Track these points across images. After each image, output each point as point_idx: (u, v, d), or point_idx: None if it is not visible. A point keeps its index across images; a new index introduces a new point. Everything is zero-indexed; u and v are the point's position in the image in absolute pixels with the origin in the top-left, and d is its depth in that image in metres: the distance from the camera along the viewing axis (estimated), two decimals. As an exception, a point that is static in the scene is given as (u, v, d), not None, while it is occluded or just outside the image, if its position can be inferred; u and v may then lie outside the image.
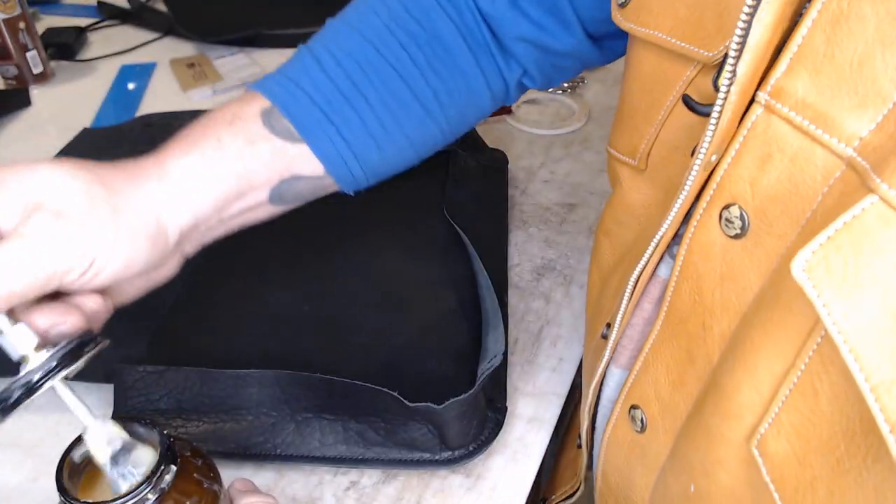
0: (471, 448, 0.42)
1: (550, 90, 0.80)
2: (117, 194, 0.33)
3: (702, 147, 0.26)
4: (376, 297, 0.52)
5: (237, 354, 0.48)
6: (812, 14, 0.22)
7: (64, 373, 0.30)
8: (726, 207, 0.26)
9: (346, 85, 0.39)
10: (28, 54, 0.81)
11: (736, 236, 0.26)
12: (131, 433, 0.31)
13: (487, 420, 0.44)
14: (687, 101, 0.29)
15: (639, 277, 0.31)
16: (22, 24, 0.79)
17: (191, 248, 0.39)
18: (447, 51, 0.41)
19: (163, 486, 0.28)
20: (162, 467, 0.29)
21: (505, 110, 0.76)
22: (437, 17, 0.40)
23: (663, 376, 0.31)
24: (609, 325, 0.35)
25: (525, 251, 0.59)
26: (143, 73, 0.86)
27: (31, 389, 0.29)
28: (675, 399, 0.31)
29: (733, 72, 0.23)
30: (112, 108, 0.80)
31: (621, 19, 0.33)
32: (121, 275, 0.33)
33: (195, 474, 0.31)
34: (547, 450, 0.45)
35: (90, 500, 0.28)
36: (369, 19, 0.41)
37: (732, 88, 0.24)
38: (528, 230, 0.61)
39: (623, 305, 0.33)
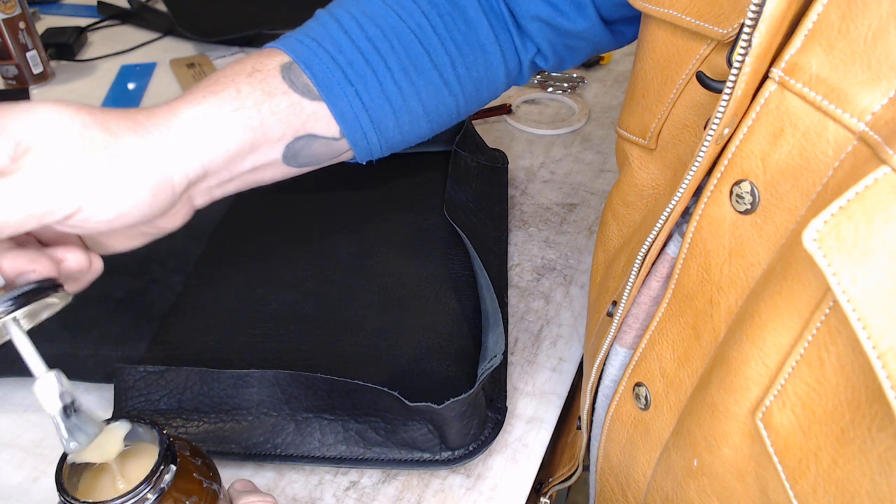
0: (471, 448, 0.42)
1: (550, 90, 0.80)
2: (117, 140, 0.31)
3: (714, 119, 0.26)
4: (377, 297, 0.52)
5: (238, 354, 0.48)
6: None
7: (17, 312, 0.29)
8: (737, 183, 0.26)
9: (368, 48, 0.39)
10: (28, 54, 0.81)
11: (746, 212, 0.26)
12: (132, 433, 0.31)
13: (487, 420, 0.44)
14: (701, 78, 0.29)
15: (647, 254, 0.32)
16: (22, 24, 0.79)
17: (201, 200, 0.37)
18: (468, 23, 0.41)
19: (162, 485, 0.28)
20: (161, 467, 0.29)
21: (505, 110, 0.76)
22: None
23: (669, 353, 0.32)
24: (615, 303, 0.35)
25: (525, 251, 0.59)
26: (143, 73, 0.86)
27: None
28: (680, 376, 0.31)
29: (748, 42, 0.23)
30: (112, 108, 0.80)
31: None
32: (115, 224, 0.32)
33: (195, 474, 0.31)
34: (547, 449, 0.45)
35: (90, 500, 0.28)
36: None
37: (747, 59, 0.24)
38: (528, 230, 0.61)
39: (631, 281, 0.33)
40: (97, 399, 0.47)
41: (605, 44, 0.45)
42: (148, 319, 0.51)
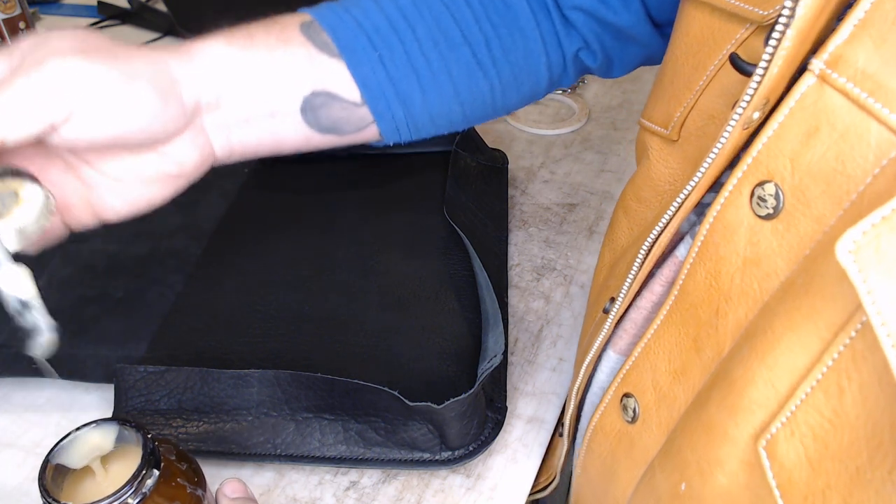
0: (471, 448, 0.42)
1: (550, 90, 0.80)
2: (122, 49, 0.31)
3: (743, 99, 0.24)
4: (376, 297, 0.52)
5: (238, 355, 0.48)
6: None
7: None
8: (760, 185, 0.24)
9: (396, 16, 0.38)
10: (28, 54, 0.81)
11: (767, 217, 0.24)
12: (120, 435, 0.31)
13: (487, 420, 0.44)
14: (734, 60, 0.27)
15: (651, 247, 0.30)
16: (22, 24, 0.79)
17: (219, 140, 0.36)
18: (506, 4, 0.40)
19: (144, 490, 0.28)
20: (143, 471, 0.28)
21: (505, 110, 0.76)
22: None
23: (664, 364, 0.29)
24: (613, 300, 0.33)
25: (525, 251, 0.59)
26: (143, 73, 0.86)
27: None
28: (674, 390, 0.29)
29: (792, 11, 0.21)
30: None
31: None
32: (121, 130, 0.30)
33: (179, 479, 0.30)
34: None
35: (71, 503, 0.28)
36: None
37: (788, 32, 0.21)
38: (528, 230, 0.61)
39: (631, 275, 0.31)
40: (97, 399, 0.47)
41: (657, 48, 0.42)
42: (148, 319, 0.51)
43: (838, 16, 0.23)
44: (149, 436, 0.30)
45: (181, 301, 0.52)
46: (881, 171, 0.21)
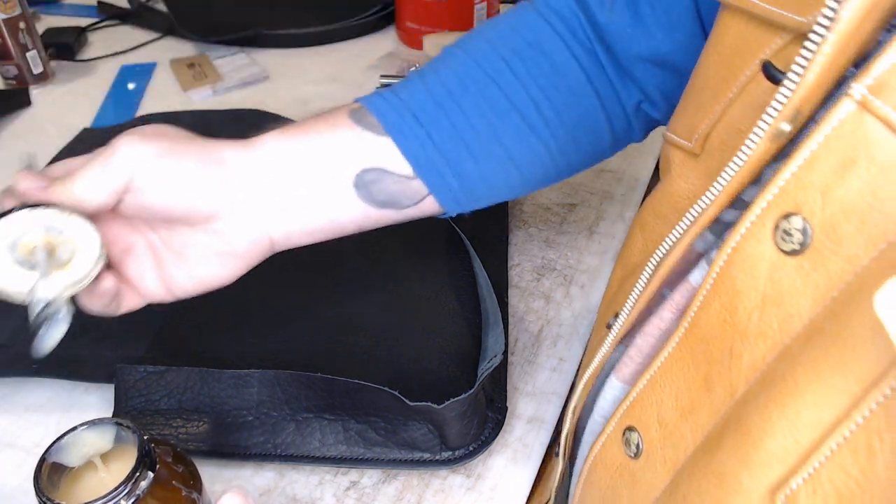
0: (471, 448, 0.42)
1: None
2: (187, 137, 0.37)
3: (772, 105, 0.22)
4: (376, 297, 0.52)
5: (238, 354, 0.48)
6: None
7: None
8: (786, 217, 0.22)
9: (441, 92, 0.39)
10: (28, 54, 0.81)
11: (792, 252, 0.22)
12: (118, 435, 0.31)
13: (487, 420, 0.44)
14: (767, 68, 0.25)
15: (662, 260, 0.28)
16: (22, 25, 0.79)
17: (279, 231, 0.39)
18: (553, 66, 0.40)
19: (138, 491, 0.28)
20: (137, 473, 0.28)
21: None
22: (545, 36, 0.40)
23: (671, 400, 0.28)
24: (617, 315, 0.32)
25: (525, 251, 0.59)
26: (143, 73, 0.86)
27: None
28: (681, 428, 0.27)
29: (835, 14, 0.20)
30: (112, 108, 0.80)
31: None
32: (167, 189, 0.35)
33: (174, 481, 0.30)
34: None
35: (63, 503, 0.27)
36: (476, 41, 0.41)
37: (829, 37, 0.20)
38: (528, 230, 0.61)
39: (638, 289, 0.29)
40: (98, 399, 0.47)
41: None
42: (148, 319, 0.51)
43: (886, 27, 0.22)
44: (145, 437, 0.29)
45: (181, 301, 0.52)
46: None
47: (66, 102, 0.81)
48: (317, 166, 0.38)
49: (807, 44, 0.21)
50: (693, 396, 0.26)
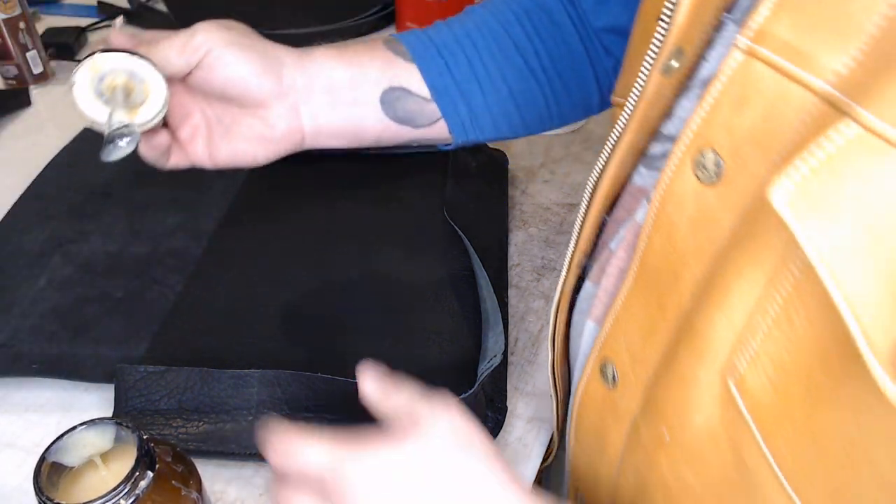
0: (471, 448, 0.42)
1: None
2: (257, 36, 0.45)
3: (654, 42, 0.27)
4: (376, 297, 0.52)
5: (238, 354, 0.48)
6: None
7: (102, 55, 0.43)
8: (701, 153, 0.26)
9: (461, 33, 0.47)
10: (28, 54, 0.81)
11: (710, 182, 0.26)
12: (118, 435, 0.31)
13: (487, 420, 0.44)
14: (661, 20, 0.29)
15: (594, 191, 0.33)
16: (22, 25, 0.79)
17: (309, 119, 0.47)
18: (553, 23, 0.48)
19: (137, 491, 0.28)
20: (137, 473, 0.28)
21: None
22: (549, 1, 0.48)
23: (634, 328, 0.31)
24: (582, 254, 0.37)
25: (525, 251, 0.59)
26: (143, 73, 0.86)
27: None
28: (645, 350, 0.31)
29: None
30: (112, 108, 0.80)
31: None
32: (234, 74, 0.43)
33: (174, 481, 0.30)
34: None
35: (63, 502, 0.27)
36: (494, 2, 0.50)
37: None
38: (528, 230, 0.61)
39: (580, 219, 0.35)
40: (97, 399, 0.47)
41: None
42: (148, 319, 0.51)
43: None
44: (144, 437, 0.29)
45: (181, 301, 0.52)
46: (806, 127, 0.23)
47: (67, 102, 0.80)
48: (352, 79, 0.46)
49: None
50: (651, 321, 0.30)
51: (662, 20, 0.27)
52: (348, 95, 0.46)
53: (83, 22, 0.96)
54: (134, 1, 1.01)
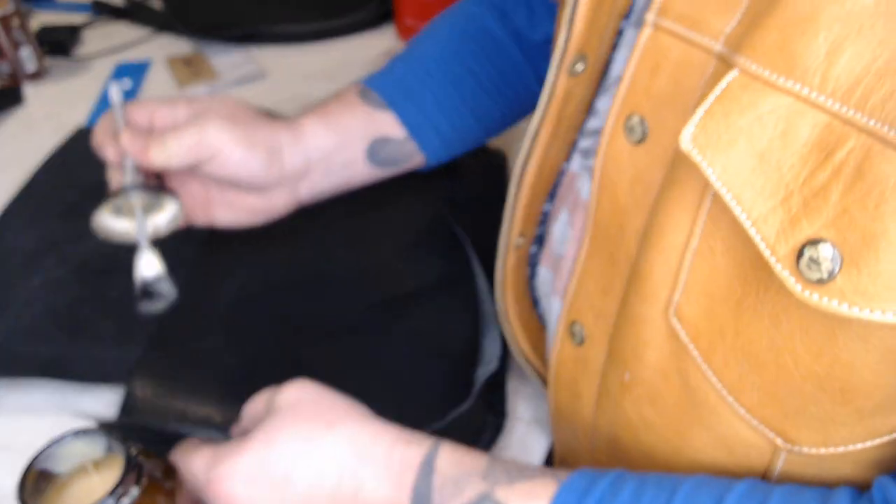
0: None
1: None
2: (256, 122, 0.46)
3: (557, 48, 0.33)
4: (376, 297, 0.52)
5: (236, 355, 0.48)
6: None
7: (146, 197, 0.45)
8: (628, 118, 0.30)
9: (423, 72, 0.51)
10: (22, 52, 0.80)
11: (639, 142, 0.30)
12: (107, 444, 0.30)
13: (488, 423, 0.43)
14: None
15: (522, 174, 0.38)
16: (16, 22, 0.79)
17: (306, 192, 0.50)
18: (496, 42, 0.52)
19: None
20: (121, 488, 0.28)
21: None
22: (488, 21, 0.53)
23: (594, 286, 0.34)
24: (521, 234, 0.41)
25: (525, 251, 0.58)
26: (138, 70, 0.86)
27: (125, 193, 0.44)
28: (605, 304, 0.34)
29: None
30: (107, 106, 0.79)
31: None
32: (239, 170, 0.45)
33: (160, 497, 0.30)
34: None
35: None
36: (439, 30, 0.54)
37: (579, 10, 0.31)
38: (527, 230, 0.61)
39: (510, 201, 0.39)
40: (93, 400, 0.47)
41: None
42: (146, 319, 0.50)
43: None
44: (134, 452, 0.29)
45: (181, 301, 0.52)
46: (706, 82, 0.27)
47: (61, 100, 0.80)
48: (341, 143, 0.49)
49: (567, 7, 0.31)
50: (607, 275, 0.33)
51: (563, 31, 0.32)
52: (339, 159, 0.49)
53: (77, 19, 0.95)
54: (129, -2, 1.00)
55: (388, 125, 0.51)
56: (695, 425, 0.30)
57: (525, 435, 0.45)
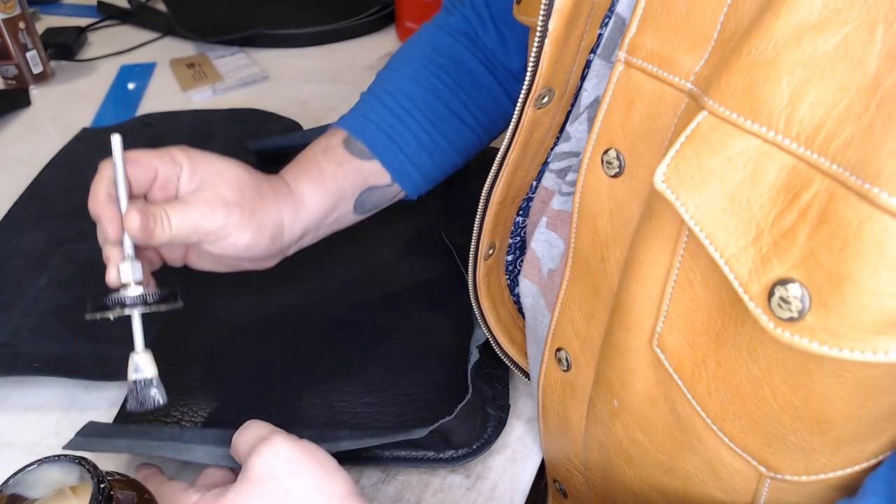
0: (474, 447, 0.42)
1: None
2: (263, 200, 0.44)
3: (524, 85, 0.33)
4: (375, 296, 0.53)
5: (237, 354, 0.49)
6: None
7: (147, 309, 0.40)
8: (605, 152, 0.30)
9: (401, 112, 0.51)
10: (28, 54, 0.81)
11: (616, 175, 0.30)
12: (80, 474, 0.29)
13: (490, 418, 0.44)
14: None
15: (491, 189, 0.39)
16: (22, 24, 0.79)
17: (294, 250, 0.49)
18: (470, 74, 0.52)
19: None
20: None
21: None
22: (458, 50, 0.52)
23: (578, 314, 0.35)
24: (491, 245, 0.42)
25: (525, 251, 0.59)
26: (142, 73, 0.86)
27: (122, 306, 0.39)
28: (590, 332, 0.34)
29: (544, 30, 0.31)
30: (112, 108, 0.80)
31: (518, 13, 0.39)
32: (242, 252, 0.44)
33: None
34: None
35: None
36: (409, 64, 0.53)
37: (545, 46, 0.31)
38: (527, 230, 0.61)
39: (479, 214, 0.40)
40: (97, 399, 0.47)
41: None
42: (149, 318, 0.51)
43: (600, 22, 0.33)
44: (102, 485, 0.28)
45: (182, 300, 0.52)
46: (678, 119, 0.27)
47: (66, 102, 0.81)
48: (334, 205, 0.49)
49: (535, 44, 0.32)
50: (590, 304, 0.34)
51: (529, 68, 0.33)
52: (331, 217, 0.49)
53: (83, 22, 0.96)
54: (134, 1, 1.01)
55: (374, 175, 0.50)
56: (685, 450, 0.30)
57: (524, 433, 0.45)
